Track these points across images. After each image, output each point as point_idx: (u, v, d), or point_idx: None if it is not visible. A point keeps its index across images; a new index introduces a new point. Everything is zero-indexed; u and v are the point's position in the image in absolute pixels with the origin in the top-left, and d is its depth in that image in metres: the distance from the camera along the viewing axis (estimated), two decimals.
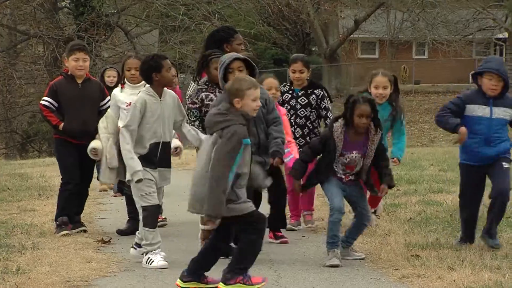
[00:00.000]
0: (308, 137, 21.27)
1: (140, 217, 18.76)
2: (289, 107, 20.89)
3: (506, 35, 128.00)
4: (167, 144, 18.90)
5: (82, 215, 23.80)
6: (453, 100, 13.51)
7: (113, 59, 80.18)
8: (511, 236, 21.60)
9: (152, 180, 18.55)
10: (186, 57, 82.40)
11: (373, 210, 20.58)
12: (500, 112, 13.41)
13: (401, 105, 20.91)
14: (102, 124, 19.70)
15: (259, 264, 16.98)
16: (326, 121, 20.50)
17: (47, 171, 42.41)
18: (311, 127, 21.05)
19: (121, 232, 22.04)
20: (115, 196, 30.16)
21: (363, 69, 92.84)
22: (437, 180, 36.89)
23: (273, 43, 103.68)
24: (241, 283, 14.04)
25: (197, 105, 19.91)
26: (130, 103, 19.11)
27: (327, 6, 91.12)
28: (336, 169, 14.59)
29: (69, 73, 17.52)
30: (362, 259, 16.96)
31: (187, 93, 22.21)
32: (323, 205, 24.44)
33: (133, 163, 18.21)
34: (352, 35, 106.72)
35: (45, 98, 17.61)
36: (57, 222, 19.75)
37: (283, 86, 21.60)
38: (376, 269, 18.47)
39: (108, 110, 20.48)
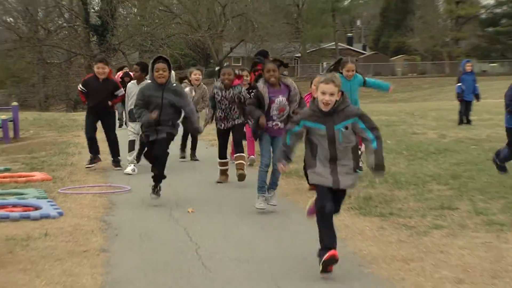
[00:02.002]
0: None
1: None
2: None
3: (300, 55, 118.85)
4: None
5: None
6: None
7: (117, 66, 72.19)
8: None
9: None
10: None
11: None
12: None
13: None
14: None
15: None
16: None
17: None
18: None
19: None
20: None
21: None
22: None
23: (192, 58, 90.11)
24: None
25: None
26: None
27: (217, 41, 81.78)
28: (272, 115, 10.95)
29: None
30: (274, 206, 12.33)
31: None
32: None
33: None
34: (229, 54, 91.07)
35: (80, 86, 15.80)
36: (89, 158, 17.16)
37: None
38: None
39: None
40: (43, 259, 9.14)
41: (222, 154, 13.68)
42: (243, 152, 13.25)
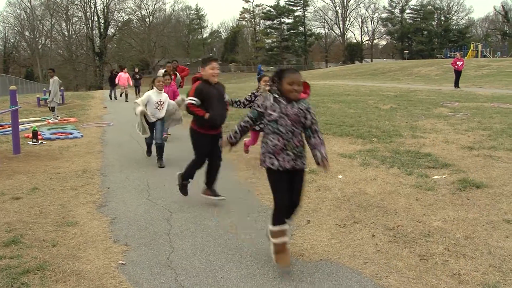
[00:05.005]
0: None
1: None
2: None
3: (189, 63, 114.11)
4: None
5: None
6: None
7: (108, 69, 71.18)
8: None
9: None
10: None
11: None
12: None
13: None
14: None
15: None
16: None
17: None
18: None
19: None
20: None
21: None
22: None
23: (140, 66, 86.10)
24: None
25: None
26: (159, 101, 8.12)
27: (151, 57, 78.22)
28: None
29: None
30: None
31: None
32: None
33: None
34: (157, 63, 79.76)
35: (189, 98, 5.55)
36: (182, 183, 5.84)
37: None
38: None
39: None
40: (74, 156, 9.02)
41: None
42: None
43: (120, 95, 23.79)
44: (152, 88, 8.31)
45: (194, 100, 5.51)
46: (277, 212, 3.91)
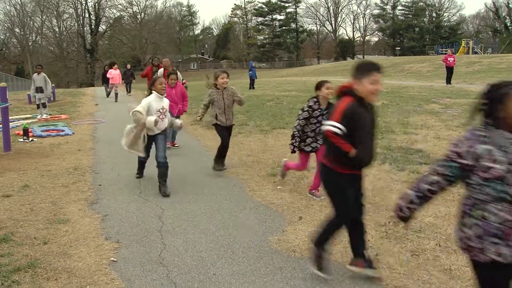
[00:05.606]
0: None
1: None
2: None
3: (180, 60, 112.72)
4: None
5: None
6: None
7: (100, 67, 67.41)
8: None
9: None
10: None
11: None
12: None
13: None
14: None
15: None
16: None
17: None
18: None
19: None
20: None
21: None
22: None
23: (132, 62, 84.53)
24: None
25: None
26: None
27: (143, 54, 75.90)
28: None
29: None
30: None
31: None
32: None
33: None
34: (148, 60, 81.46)
35: (333, 125, 3.17)
36: (317, 252, 3.64)
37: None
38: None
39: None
40: (66, 153, 8.98)
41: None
42: None
43: (113, 94, 22.99)
44: (151, 93, 6.31)
45: (338, 128, 3.31)
46: None
